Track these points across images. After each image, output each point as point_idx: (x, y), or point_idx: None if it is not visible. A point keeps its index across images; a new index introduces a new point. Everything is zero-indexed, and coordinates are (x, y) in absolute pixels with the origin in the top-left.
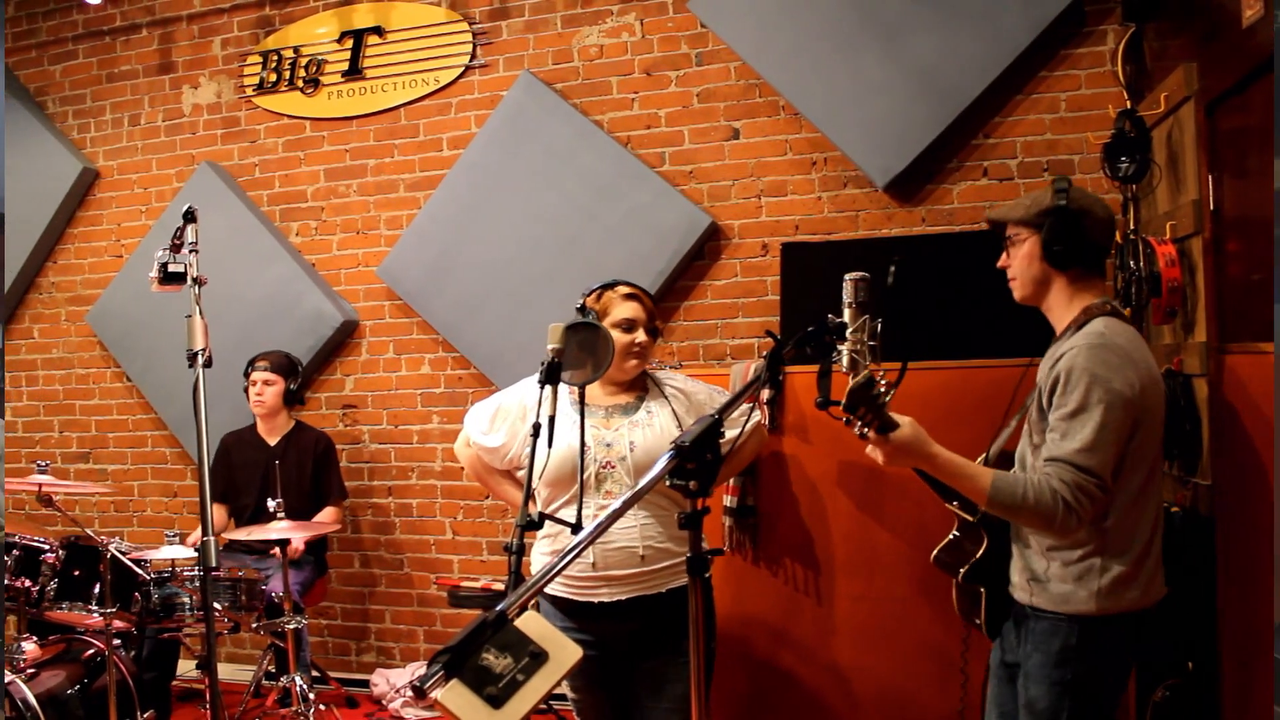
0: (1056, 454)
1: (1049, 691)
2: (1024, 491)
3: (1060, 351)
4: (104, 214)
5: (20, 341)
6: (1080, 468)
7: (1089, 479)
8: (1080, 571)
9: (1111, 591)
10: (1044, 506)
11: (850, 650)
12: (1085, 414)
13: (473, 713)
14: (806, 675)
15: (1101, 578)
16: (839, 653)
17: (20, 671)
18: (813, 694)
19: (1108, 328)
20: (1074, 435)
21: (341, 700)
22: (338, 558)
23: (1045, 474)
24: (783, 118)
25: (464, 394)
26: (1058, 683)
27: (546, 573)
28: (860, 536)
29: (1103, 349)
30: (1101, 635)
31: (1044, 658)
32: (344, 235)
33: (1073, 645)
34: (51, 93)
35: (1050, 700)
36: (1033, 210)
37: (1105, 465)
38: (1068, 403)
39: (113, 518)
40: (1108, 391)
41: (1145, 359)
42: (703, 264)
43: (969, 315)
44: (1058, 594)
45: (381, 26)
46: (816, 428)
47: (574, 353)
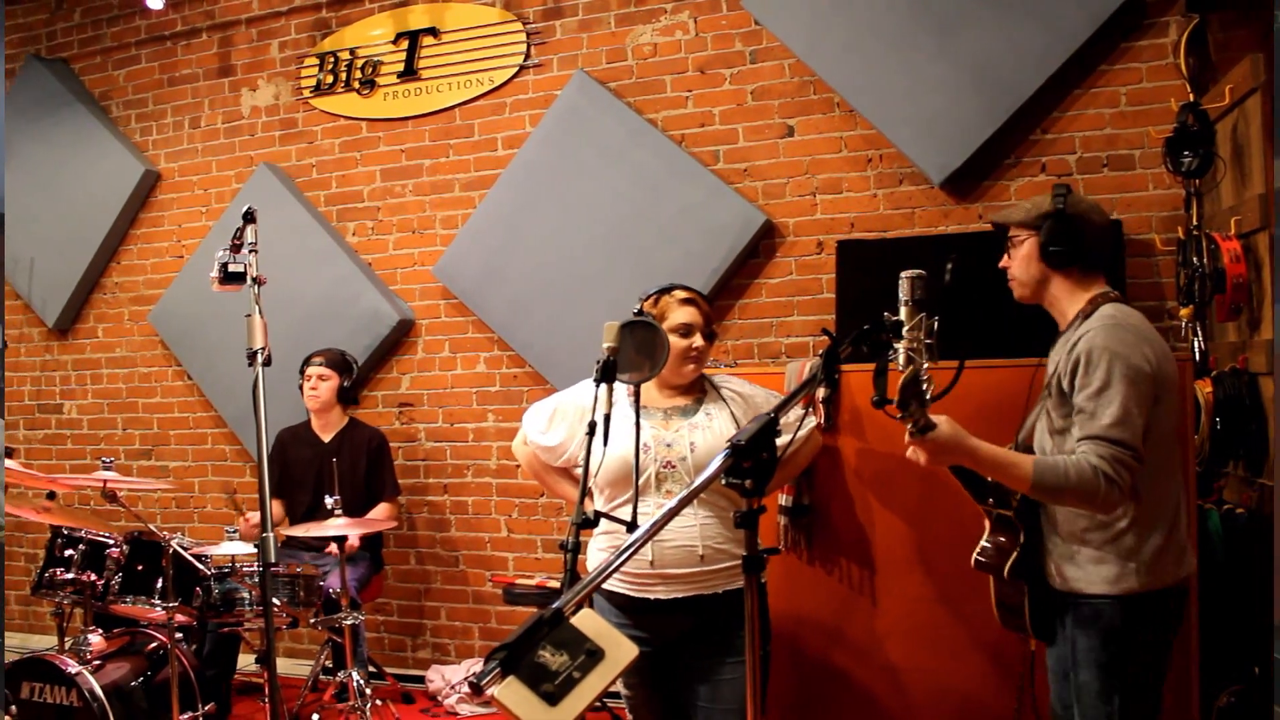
0: (1089, 432)
1: (1098, 674)
2: (1065, 471)
3: (1075, 337)
4: (165, 215)
5: (85, 341)
6: (1114, 441)
7: (1124, 451)
8: (1115, 552)
9: (1148, 568)
10: (1086, 484)
11: (905, 651)
12: (1110, 390)
13: (529, 709)
14: (861, 675)
15: (1137, 555)
16: (894, 653)
17: (87, 663)
18: (867, 694)
19: (1117, 311)
20: (1103, 411)
21: (397, 696)
22: (394, 554)
23: (1082, 452)
24: (837, 115)
25: (519, 392)
26: (1105, 665)
27: (602, 570)
28: (916, 536)
29: (1118, 329)
30: (1142, 613)
31: (1089, 641)
32: (400, 235)
33: (1116, 626)
34: (115, 97)
35: (1101, 683)
36: (1032, 213)
37: (1136, 436)
38: (1092, 382)
39: (174, 514)
40: (1128, 367)
41: (1156, 337)
42: (757, 262)
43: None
44: (1095, 577)
45: (436, 27)
46: (872, 426)
47: (630, 351)
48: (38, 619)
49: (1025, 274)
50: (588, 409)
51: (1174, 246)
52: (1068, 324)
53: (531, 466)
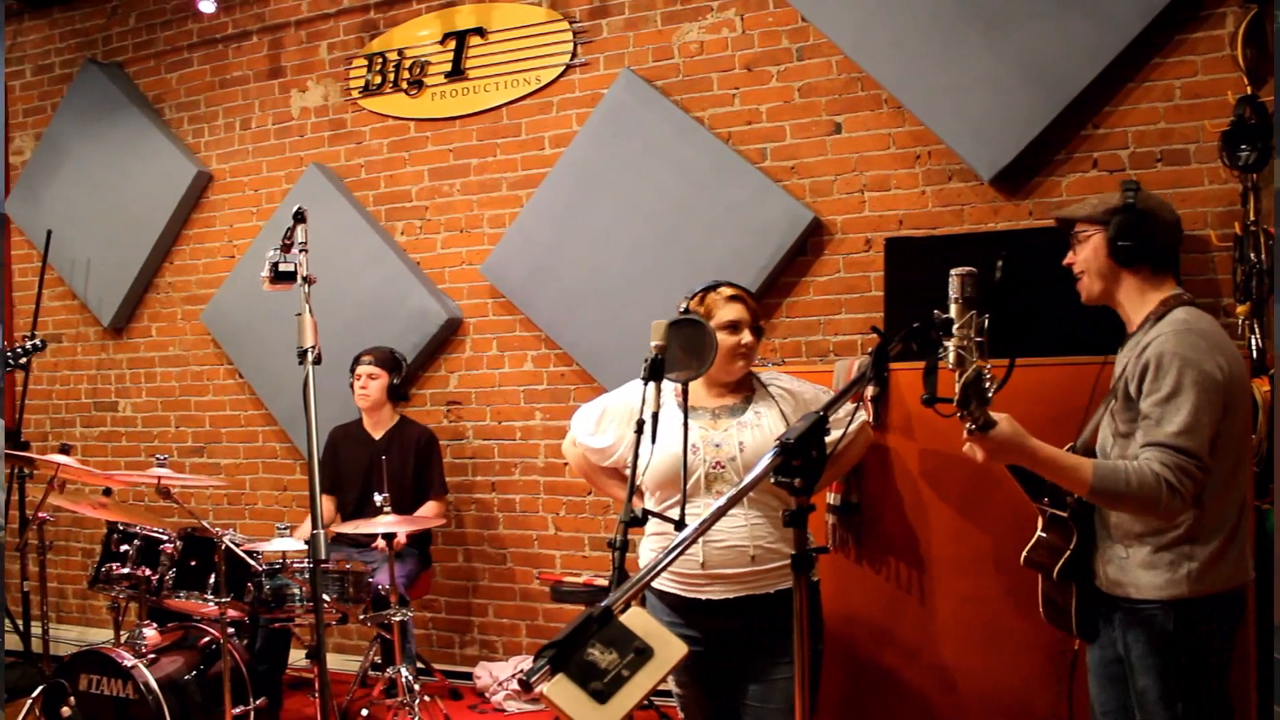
0: (1155, 438)
1: (1158, 681)
2: (1126, 477)
3: (1146, 340)
4: (217, 216)
5: (139, 340)
6: (1180, 449)
7: (1189, 460)
8: (1171, 558)
9: (1203, 574)
10: (1147, 491)
11: (955, 650)
12: (1179, 397)
13: (578, 707)
14: (910, 675)
15: (1192, 561)
16: (943, 653)
17: (142, 656)
18: (916, 694)
19: (1190, 315)
20: (1170, 419)
21: (445, 692)
22: (442, 552)
23: (1145, 458)
24: (885, 111)
25: (566, 390)
26: (1164, 671)
27: (651, 569)
28: (965, 535)
29: (1190, 334)
30: (1199, 617)
31: (1145, 647)
32: (448, 234)
33: (1171, 631)
34: (168, 99)
35: (1161, 689)
36: (1100, 208)
37: (1203, 446)
38: (1161, 388)
39: (225, 510)
40: (1200, 374)
41: (1228, 345)
42: (805, 260)
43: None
44: (1150, 582)
45: (483, 27)
46: (921, 425)
47: (678, 350)
48: (94, 612)
49: (1093, 270)
50: (636, 409)
51: (1230, 242)
52: (1137, 326)
53: (581, 467)
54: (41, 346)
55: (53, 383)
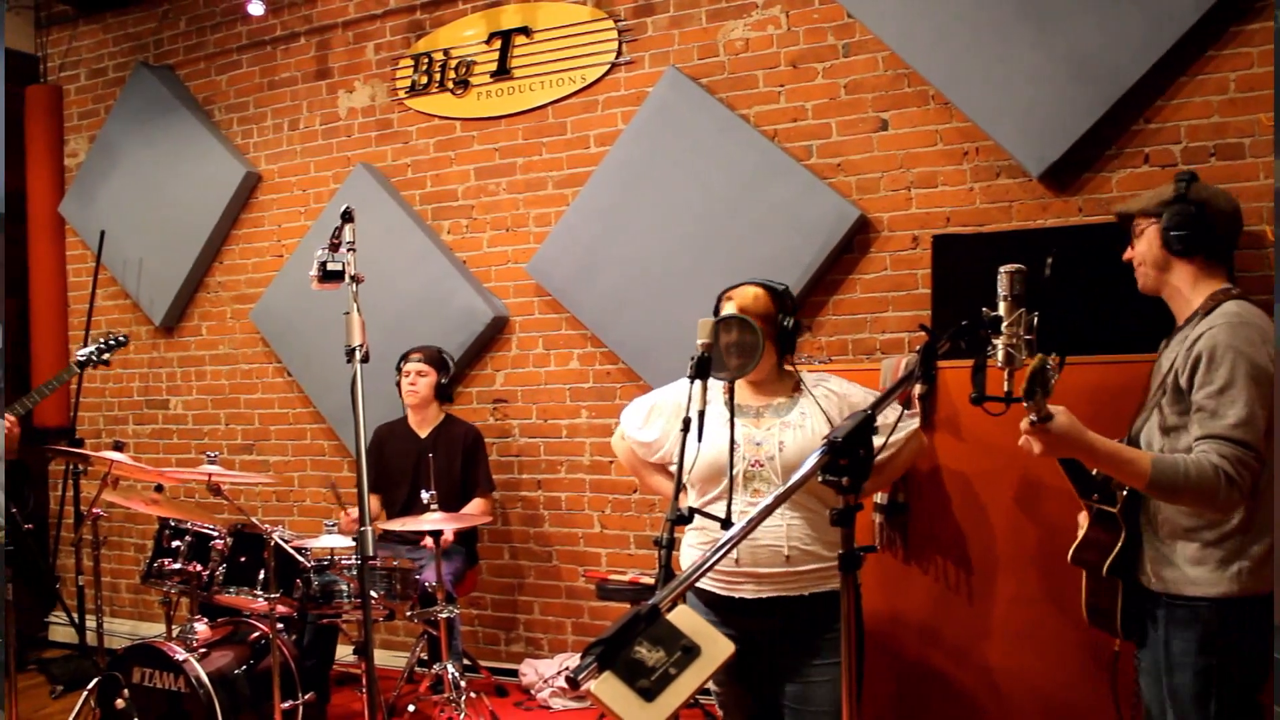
0: (1210, 431)
1: (1194, 679)
2: (1185, 470)
3: (1196, 333)
4: (266, 216)
5: (189, 339)
6: (1237, 441)
7: (1246, 452)
8: (1221, 554)
9: (1250, 572)
10: (1206, 483)
11: (1003, 652)
12: (1233, 389)
13: (625, 705)
14: (958, 677)
15: (1240, 559)
16: (992, 654)
17: (193, 650)
18: (964, 696)
19: (1241, 309)
20: (1225, 411)
21: (491, 689)
22: (488, 549)
23: (1202, 451)
24: (932, 107)
25: (612, 389)
26: (1202, 670)
27: (698, 568)
28: (1014, 535)
29: (1242, 327)
30: (1242, 617)
31: (1185, 644)
32: (494, 233)
33: (1215, 629)
34: (218, 101)
35: (1197, 686)
36: (1154, 201)
37: (1259, 437)
38: (1214, 380)
39: (274, 507)
40: (1253, 366)
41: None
42: (851, 257)
43: (1128, 308)
44: (1195, 579)
45: (528, 27)
46: (969, 424)
47: (724, 348)
48: (147, 607)
49: (1148, 261)
50: (683, 405)
51: None
52: (1186, 319)
53: (629, 462)
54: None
55: (106, 380)
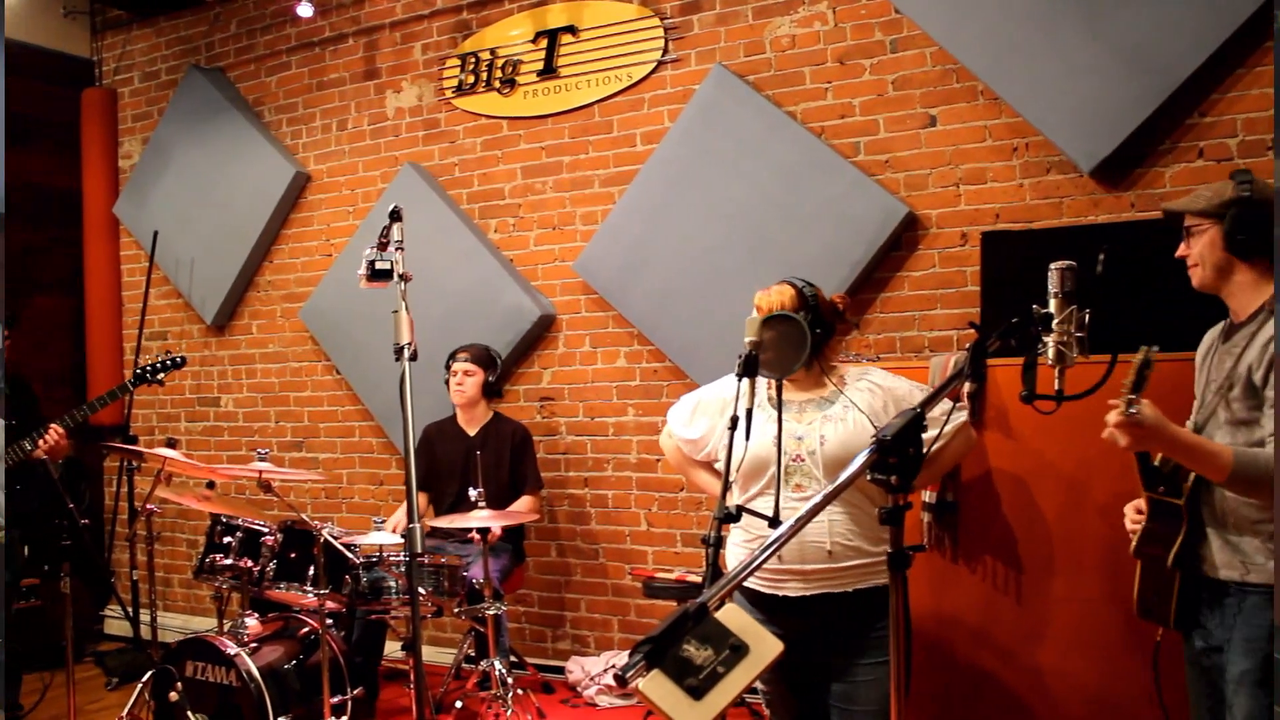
0: None
1: (1261, 665)
2: (1266, 464)
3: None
4: (315, 215)
5: (240, 337)
6: None
7: None
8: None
9: None
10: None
11: (1054, 653)
12: None
13: (673, 703)
14: (1007, 677)
15: None
16: (1042, 655)
17: (245, 645)
18: (1013, 697)
19: None
20: None
21: (538, 686)
22: (535, 547)
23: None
24: (981, 103)
25: (659, 387)
26: (1269, 657)
27: (746, 566)
28: (1065, 535)
29: None
30: None
31: (1253, 630)
32: (541, 231)
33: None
34: (268, 102)
35: (1262, 674)
36: (1214, 201)
37: None
38: None
39: (323, 504)
40: None
41: None
42: (899, 255)
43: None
44: (1261, 568)
45: (574, 25)
46: (1019, 422)
47: (771, 346)
48: (199, 601)
49: (1208, 262)
50: (729, 402)
51: None
52: (1248, 316)
53: (675, 459)
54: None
55: None
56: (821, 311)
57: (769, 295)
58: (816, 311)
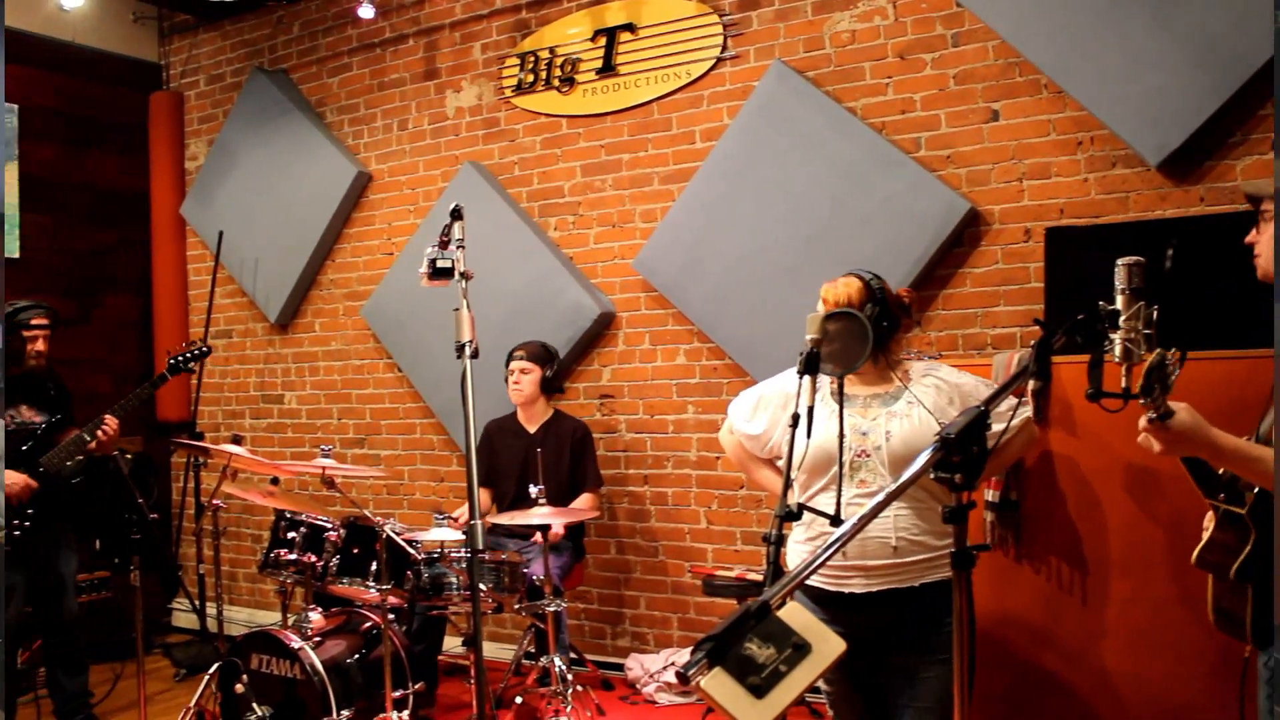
0: None
1: None
2: None
3: None
4: (376, 214)
5: (303, 335)
6: None
7: None
8: None
9: None
10: None
11: (1120, 655)
12: None
13: (735, 701)
14: (1071, 679)
15: None
16: (1108, 657)
17: (308, 639)
18: (1078, 699)
19: None
20: None
21: (597, 682)
22: (595, 544)
23: None
24: (1045, 96)
25: (719, 384)
26: None
27: (809, 564)
28: (1131, 535)
29: None
30: None
31: None
32: (600, 229)
33: None
34: (330, 103)
35: None
36: None
37: None
38: None
39: (385, 500)
40: None
41: None
42: (961, 251)
43: (1254, 301)
44: None
45: (633, 23)
46: (1084, 420)
47: (832, 343)
48: (263, 595)
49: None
50: (791, 397)
51: None
52: None
53: (737, 455)
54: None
55: (224, 376)
56: (888, 305)
57: (835, 288)
58: (883, 305)
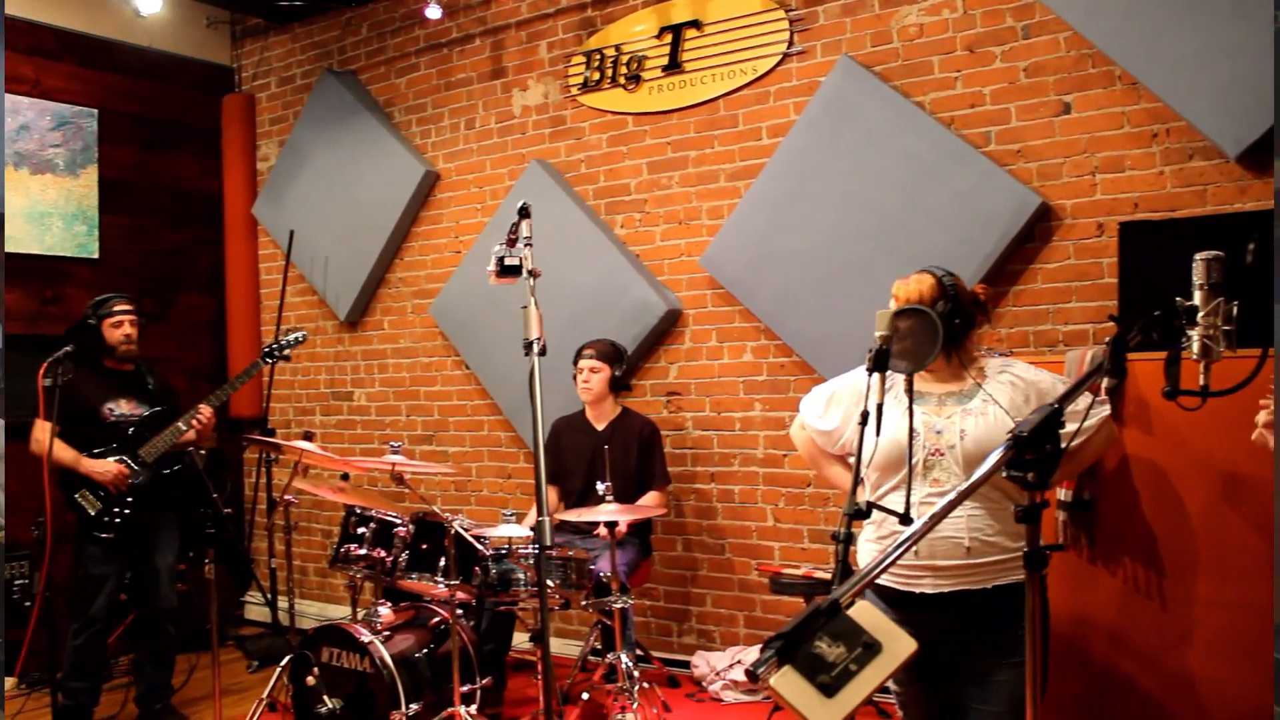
0: None
1: None
2: None
3: None
4: (444, 213)
5: (372, 333)
6: None
7: None
8: None
9: None
10: None
11: (1200, 660)
12: None
13: (804, 700)
14: (1148, 683)
15: None
16: (1186, 662)
17: (378, 633)
18: (1154, 704)
19: None
20: None
21: (663, 679)
22: (661, 541)
23: None
24: (1119, 88)
25: (786, 382)
26: None
27: (880, 563)
28: (1211, 537)
29: None
30: None
31: None
32: (667, 226)
33: None
34: (398, 103)
35: None
36: None
37: None
38: None
39: (453, 496)
40: None
41: None
42: (1032, 247)
43: None
44: None
45: (699, 20)
46: (1160, 418)
47: (902, 340)
48: (333, 589)
49: None
50: (862, 392)
51: None
52: None
53: (808, 451)
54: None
55: (295, 373)
56: (961, 302)
57: (907, 285)
58: (956, 301)
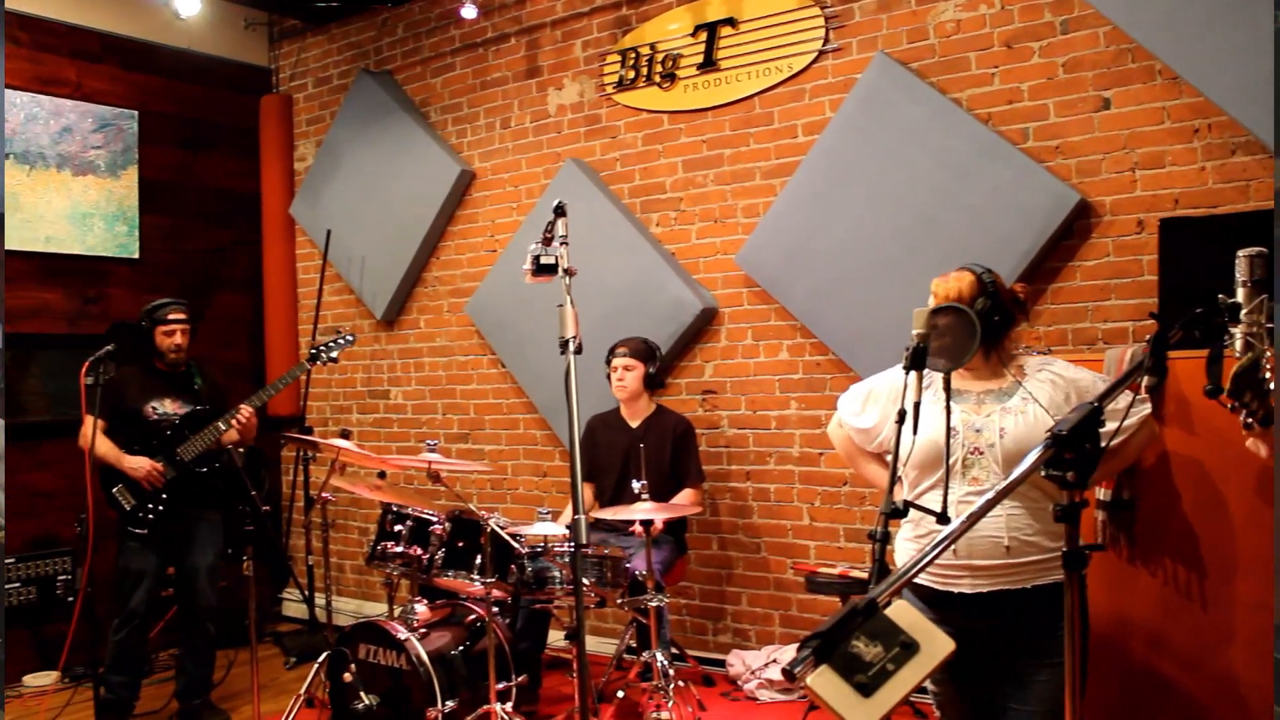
0: None
1: None
2: None
3: None
4: (479, 212)
5: (408, 331)
6: None
7: None
8: None
9: None
10: None
11: (1244, 663)
12: None
13: (841, 699)
14: (1190, 686)
15: None
16: (1230, 664)
17: (414, 630)
18: (1196, 707)
19: None
20: None
21: (698, 678)
22: (696, 539)
23: None
24: (1159, 83)
25: (822, 380)
26: None
27: (917, 562)
28: (1255, 538)
29: None
30: None
31: None
32: (702, 224)
33: None
34: (433, 103)
35: None
36: None
37: None
38: None
39: (489, 494)
40: None
41: None
42: (1071, 244)
43: None
44: None
45: (734, 18)
46: (1202, 416)
47: (940, 337)
48: (369, 587)
49: None
50: (900, 391)
51: None
52: None
53: (846, 450)
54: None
55: (332, 372)
56: (1000, 300)
57: (946, 282)
58: (995, 299)
